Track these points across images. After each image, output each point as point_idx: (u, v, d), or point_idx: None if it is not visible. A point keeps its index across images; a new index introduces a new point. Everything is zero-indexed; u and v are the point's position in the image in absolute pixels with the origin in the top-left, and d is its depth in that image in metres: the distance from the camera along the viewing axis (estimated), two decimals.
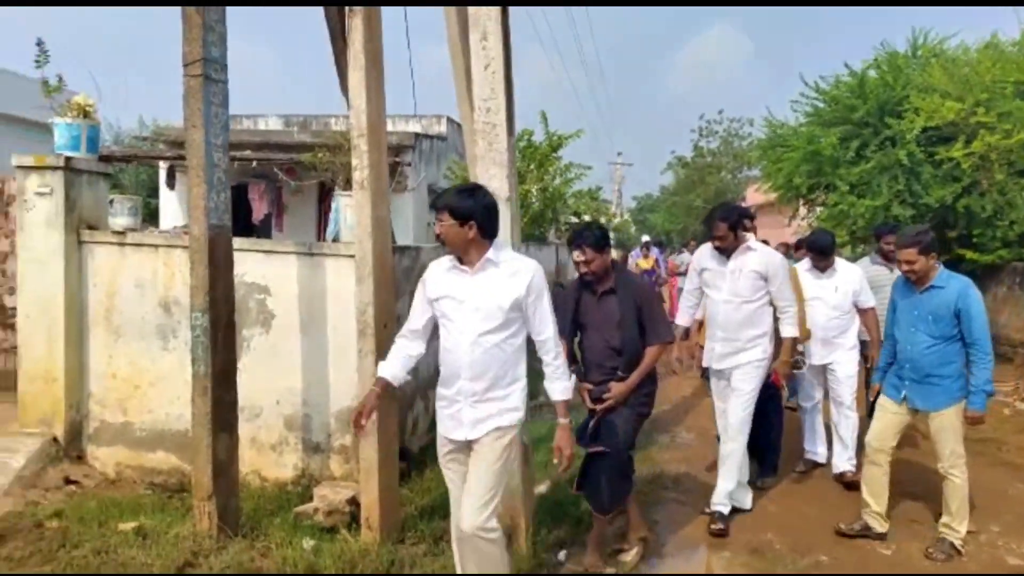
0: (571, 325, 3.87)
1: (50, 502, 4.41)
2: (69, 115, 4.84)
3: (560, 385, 3.11)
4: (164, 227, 12.52)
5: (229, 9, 4.01)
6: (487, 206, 3.01)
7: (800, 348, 5.01)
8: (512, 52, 4.25)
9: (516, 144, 14.52)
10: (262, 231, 12.84)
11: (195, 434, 3.98)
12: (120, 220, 5.00)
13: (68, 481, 4.71)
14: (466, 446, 3.06)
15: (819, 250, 5.22)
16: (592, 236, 3.76)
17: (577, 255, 3.78)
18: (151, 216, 14.19)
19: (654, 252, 14.20)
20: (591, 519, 3.99)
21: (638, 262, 14.24)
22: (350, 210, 4.79)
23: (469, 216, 2.95)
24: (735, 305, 4.38)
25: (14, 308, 5.09)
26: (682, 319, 4.91)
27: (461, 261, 3.02)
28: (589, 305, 3.85)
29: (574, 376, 3.17)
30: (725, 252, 4.42)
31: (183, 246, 4.69)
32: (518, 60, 4.26)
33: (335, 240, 6.14)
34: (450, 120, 15.00)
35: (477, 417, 3.00)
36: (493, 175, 4.01)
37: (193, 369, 3.95)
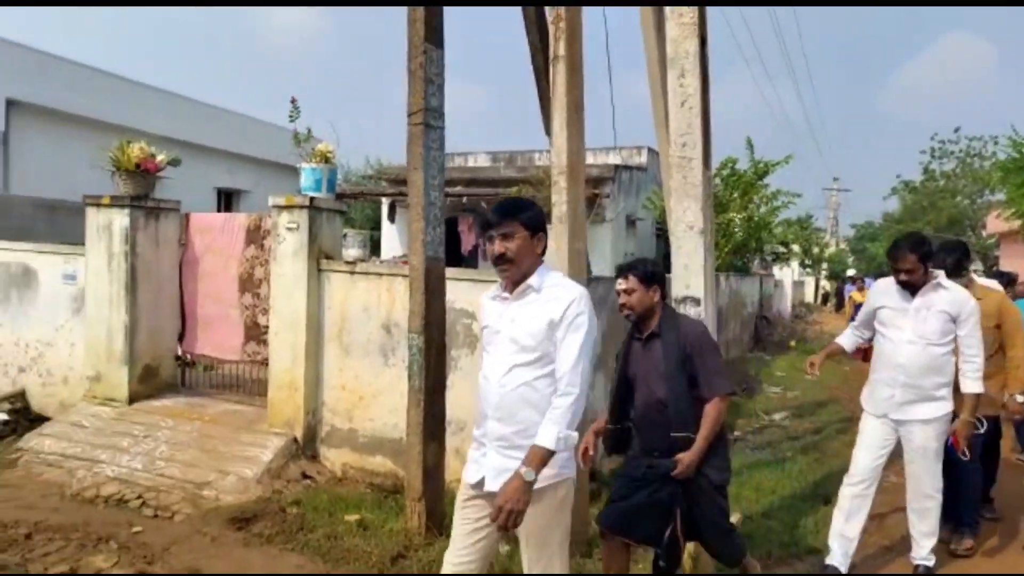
0: (620, 380, 3.42)
1: (291, 492, 5.11)
2: (314, 161, 5.64)
3: (551, 431, 2.43)
4: (385, 257, 13.79)
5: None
6: (543, 215, 2.73)
7: (1020, 399, 4.51)
8: (710, 86, 4.36)
9: (719, 172, 14.32)
10: (470, 261, 13.72)
11: (408, 442, 4.45)
12: (352, 251, 5.71)
13: (304, 476, 5.41)
14: (489, 497, 2.58)
15: None
16: (641, 268, 3.38)
17: (620, 283, 3.40)
18: (374, 247, 15.67)
19: (870, 284, 13.28)
20: (780, 552, 3.92)
21: (852, 295, 13.40)
22: (550, 242, 5.10)
23: (539, 227, 2.64)
24: (920, 347, 3.97)
25: (267, 326, 5.97)
26: (843, 340, 4.47)
27: (503, 287, 2.70)
28: (636, 353, 3.39)
29: (575, 434, 2.54)
30: (910, 288, 4.02)
31: (403, 275, 5.26)
32: (723, 83, 4.32)
33: None
34: (650, 150, 15.12)
35: (504, 467, 2.54)
36: (687, 208, 4.12)
37: (408, 384, 4.43)
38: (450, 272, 4.84)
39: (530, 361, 2.55)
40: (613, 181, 12.94)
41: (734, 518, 4.74)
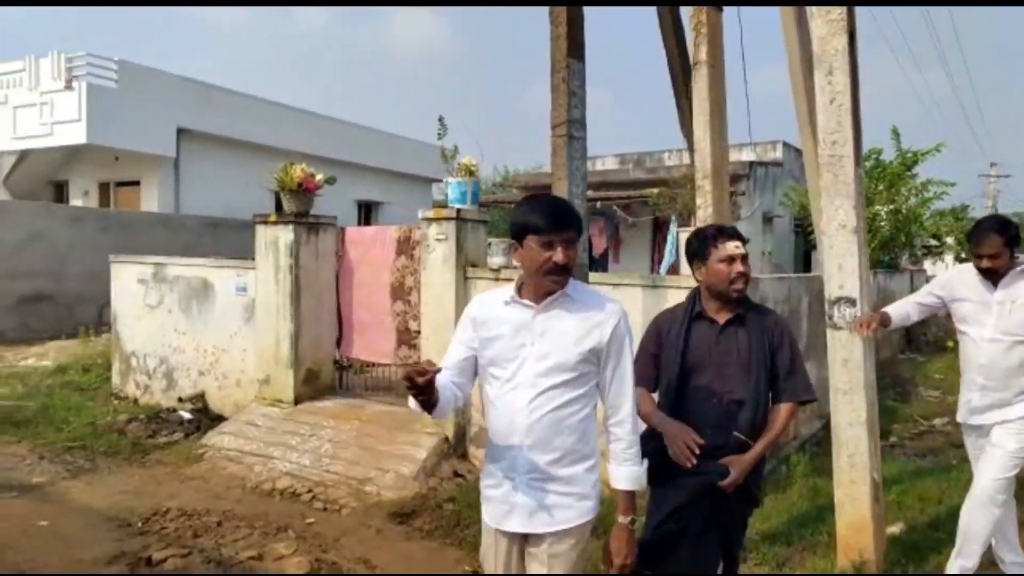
0: (676, 367, 2.83)
1: (444, 489, 5.39)
2: (459, 175, 5.92)
3: (628, 471, 2.31)
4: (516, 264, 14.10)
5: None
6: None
7: None
8: (860, 82, 4.23)
9: (863, 164, 13.74)
10: (599, 264, 13.79)
11: None
12: (495, 259, 5.95)
13: (456, 474, 5.69)
14: (521, 541, 2.35)
15: None
16: (739, 233, 2.91)
17: (733, 247, 2.80)
18: None
19: None
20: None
21: None
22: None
23: (580, 229, 2.32)
24: (1005, 346, 3.52)
25: (418, 331, 6.32)
26: (894, 309, 4.01)
27: (520, 293, 2.32)
28: (704, 340, 2.84)
29: (646, 461, 2.38)
30: (992, 277, 3.58)
31: None
32: (863, 70, 4.13)
33: (671, 271, 6.52)
34: (786, 145, 14.62)
35: (539, 503, 2.27)
36: (839, 206, 4.03)
37: None
38: (591, 277, 4.95)
39: (566, 381, 2.25)
40: (748, 178, 12.64)
41: (896, 526, 4.57)
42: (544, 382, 2.24)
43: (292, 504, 5.34)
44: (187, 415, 7.26)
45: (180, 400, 7.60)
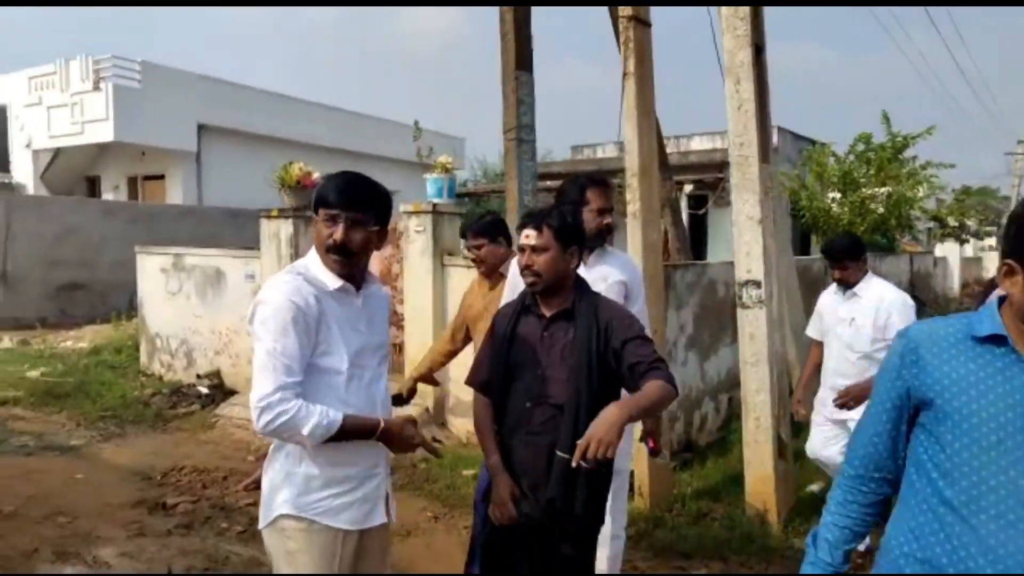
0: (500, 368, 2.50)
1: (421, 452, 6.09)
2: (436, 172, 6.57)
3: None
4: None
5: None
6: None
7: None
8: (768, 89, 4.80)
9: (852, 149, 14.10)
10: None
11: None
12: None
13: (434, 440, 6.39)
14: None
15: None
16: (558, 220, 2.47)
17: (525, 236, 2.49)
18: None
19: None
20: None
21: None
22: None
23: (380, 215, 2.25)
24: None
25: (402, 313, 7.01)
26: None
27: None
28: (529, 337, 2.49)
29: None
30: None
31: None
32: (874, 54, 4.61)
33: None
34: (781, 130, 14.98)
35: None
36: (747, 200, 4.62)
37: None
38: None
39: None
40: None
41: (816, 486, 5.12)
42: None
43: None
44: (204, 390, 8.05)
45: (198, 377, 8.39)
